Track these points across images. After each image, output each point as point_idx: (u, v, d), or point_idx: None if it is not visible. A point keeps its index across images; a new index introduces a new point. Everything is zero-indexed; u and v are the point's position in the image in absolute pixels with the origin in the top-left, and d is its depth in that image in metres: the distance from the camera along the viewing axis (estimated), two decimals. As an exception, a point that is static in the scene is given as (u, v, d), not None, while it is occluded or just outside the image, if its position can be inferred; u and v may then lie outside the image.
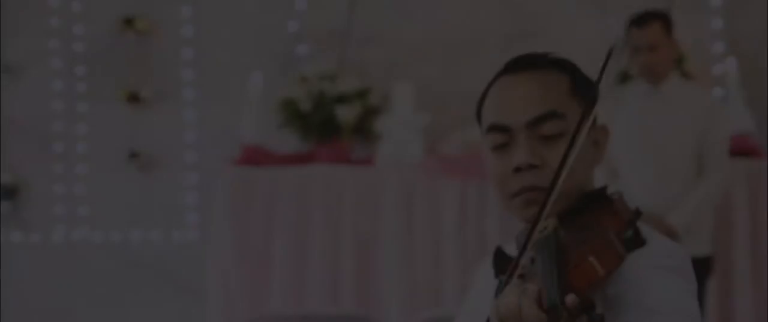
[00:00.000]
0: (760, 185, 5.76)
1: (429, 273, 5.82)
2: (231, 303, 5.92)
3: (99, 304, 6.81)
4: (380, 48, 6.59)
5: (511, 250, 2.07)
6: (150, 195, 6.87)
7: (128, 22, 6.77)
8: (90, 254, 6.86)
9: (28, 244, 6.85)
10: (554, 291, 1.72)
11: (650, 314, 1.87)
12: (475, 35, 6.55)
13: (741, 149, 5.94)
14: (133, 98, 6.79)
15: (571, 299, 1.71)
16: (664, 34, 5.05)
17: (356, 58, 6.55)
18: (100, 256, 6.86)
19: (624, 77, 6.10)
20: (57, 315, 6.82)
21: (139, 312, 6.80)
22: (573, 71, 2.12)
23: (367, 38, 6.63)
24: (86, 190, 6.88)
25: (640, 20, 5.06)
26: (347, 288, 5.85)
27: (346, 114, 6.19)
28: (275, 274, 5.91)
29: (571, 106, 2.07)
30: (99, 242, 6.86)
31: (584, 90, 2.10)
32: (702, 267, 4.82)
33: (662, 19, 5.08)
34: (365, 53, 6.59)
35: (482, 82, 2.16)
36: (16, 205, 6.83)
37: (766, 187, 5.75)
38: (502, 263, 2.07)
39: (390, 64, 6.58)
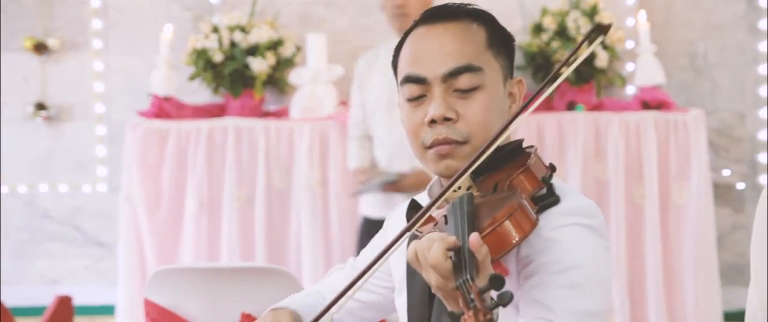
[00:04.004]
0: (668, 135, 5.82)
1: (343, 226, 5.81)
2: (142, 256, 5.86)
3: (7, 257, 6.71)
4: (293, -1, 6.53)
5: (425, 202, 2.05)
6: (58, 147, 6.76)
7: (34, -31, 6.64)
8: (-3, 207, 6.76)
9: (-68, 197, 6.73)
10: (464, 248, 1.71)
11: (565, 271, 1.88)
12: (389, -14, 6.52)
13: (651, 101, 6.01)
14: (40, 48, 6.65)
15: (474, 238, 1.70)
16: None
17: (269, 8, 6.48)
18: (8, 209, 6.75)
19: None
20: (-37, 270, 6.71)
21: (48, 265, 6.71)
22: (490, 23, 2.10)
23: (280, -11, 6.58)
24: (-8, 142, 6.76)
25: None
26: (260, 241, 5.81)
27: (259, 65, 6.12)
28: (187, 227, 5.86)
29: (487, 59, 2.05)
30: (6, 194, 6.74)
31: (501, 42, 2.09)
32: None
33: None
34: (278, 4, 6.52)
35: (396, 34, 2.14)
36: None
37: (675, 138, 5.82)
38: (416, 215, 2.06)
39: (303, 16, 6.52)
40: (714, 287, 5.75)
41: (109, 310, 6.35)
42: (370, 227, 5.06)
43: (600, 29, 1.94)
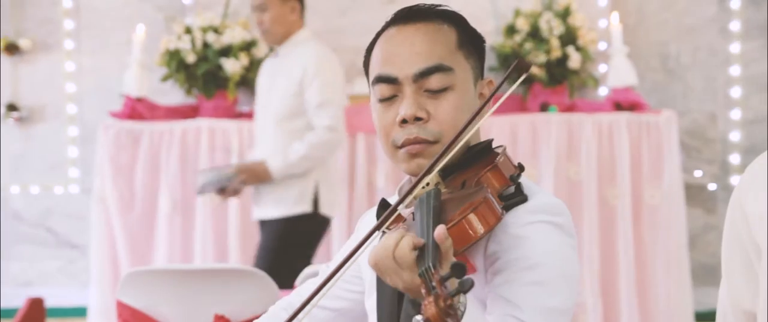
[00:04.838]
0: (641, 136, 5.85)
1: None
2: (115, 258, 5.84)
3: (-21, 259, 6.68)
4: (266, -1, 6.51)
5: (395, 201, 2.06)
6: (30, 148, 6.72)
7: (6, -30, 6.60)
8: (-32, 209, 6.71)
9: None
10: (429, 239, 1.73)
11: (531, 268, 1.89)
12: (362, -13, 6.52)
13: (624, 102, 6.04)
14: (12, 49, 6.61)
15: (440, 230, 1.72)
16: None
17: (242, 9, 6.47)
18: (-21, 211, 6.71)
19: None
20: (-66, 272, 6.66)
21: (20, 267, 6.67)
22: (460, 24, 2.11)
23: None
24: (-37, 143, 6.71)
25: None
26: (234, 243, 5.80)
27: (232, 66, 6.11)
28: (160, 228, 5.85)
29: (458, 60, 2.06)
30: (-23, 196, 6.71)
31: (471, 43, 2.10)
32: (310, 222, 5.05)
33: None
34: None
35: (368, 35, 2.14)
36: None
37: (648, 139, 5.85)
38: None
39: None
40: (686, 288, 5.79)
41: (81, 312, 6.32)
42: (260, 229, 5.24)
43: (522, 66, 1.96)
